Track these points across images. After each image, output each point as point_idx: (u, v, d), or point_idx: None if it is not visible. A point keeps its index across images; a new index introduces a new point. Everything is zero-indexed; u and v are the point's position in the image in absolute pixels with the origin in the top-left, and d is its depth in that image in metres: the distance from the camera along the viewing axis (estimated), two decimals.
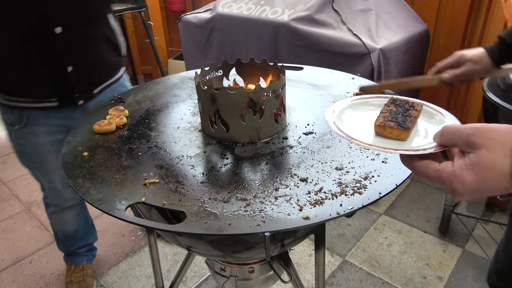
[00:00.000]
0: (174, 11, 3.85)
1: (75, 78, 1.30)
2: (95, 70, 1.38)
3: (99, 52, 1.37)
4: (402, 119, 0.61)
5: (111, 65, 1.45)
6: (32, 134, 1.38)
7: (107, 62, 1.43)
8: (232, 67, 1.11)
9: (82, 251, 1.86)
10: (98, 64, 1.38)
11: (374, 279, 1.83)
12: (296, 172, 0.84)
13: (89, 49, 1.33)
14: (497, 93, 1.34)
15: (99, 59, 1.38)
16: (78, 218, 1.75)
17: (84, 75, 1.33)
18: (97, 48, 1.36)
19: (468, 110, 2.33)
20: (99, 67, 1.39)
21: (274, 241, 0.90)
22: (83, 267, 1.86)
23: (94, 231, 1.92)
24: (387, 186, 0.77)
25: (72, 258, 1.86)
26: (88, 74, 1.35)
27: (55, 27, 1.20)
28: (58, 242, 1.84)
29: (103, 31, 1.37)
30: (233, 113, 0.92)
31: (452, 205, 1.99)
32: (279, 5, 2.14)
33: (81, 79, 1.32)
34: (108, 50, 1.41)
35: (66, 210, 1.67)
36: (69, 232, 1.76)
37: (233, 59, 1.11)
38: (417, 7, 2.39)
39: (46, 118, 1.36)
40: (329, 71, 1.36)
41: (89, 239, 1.88)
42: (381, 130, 0.61)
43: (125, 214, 0.74)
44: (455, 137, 0.51)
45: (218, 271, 1.16)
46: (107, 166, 0.90)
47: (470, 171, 0.48)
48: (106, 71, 1.44)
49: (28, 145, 1.41)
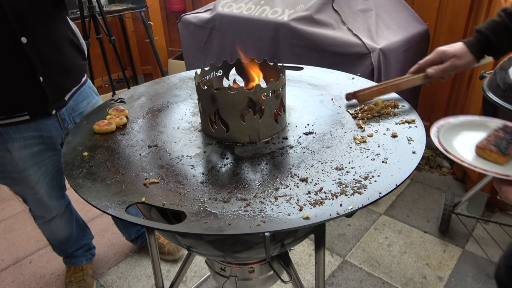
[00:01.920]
0: (174, 11, 3.85)
1: (48, 87, 1.26)
2: (65, 76, 1.34)
3: (67, 57, 1.32)
4: (505, 146, 0.66)
5: (78, 70, 1.41)
6: (6, 152, 1.31)
7: (75, 66, 1.38)
8: (232, 67, 1.11)
9: (80, 252, 1.85)
10: (67, 70, 1.34)
11: (374, 279, 1.83)
12: (296, 172, 0.84)
13: (57, 54, 1.28)
14: (497, 93, 1.34)
15: (67, 64, 1.33)
16: (69, 224, 1.72)
17: (55, 83, 1.29)
18: (63, 53, 1.31)
19: (468, 111, 2.33)
20: (68, 72, 1.35)
21: (274, 241, 0.90)
22: (82, 267, 1.86)
23: (88, 231, 1.89)
24: (387, 186, 0.77)
25: (71, 259, 1.85)
26: (59, 81, 1.31)
27: (20, 37, 1.15)
28: (53, 247, 1.82)
29: (65, 34, 1.32)
30: (233, 113, 0.92)
31: (452, 205, 1.99)
32: (279, 5, 2.14)
33: (53, 87, 1.28)
34: (74, 54, 1.37)
35: (54, 220, 1.63)
36: (63, 239, 1.74)
37: (233, 59, 1.11)
38: (417, 7, 2.39)
39: (18, 132, 1.30)
40: (329, 71, 1.36)
41: (85, 240, 1.86)
42: (481, 151, 0.67)
43: (125, 214, 0.74)
44: None
45: (218, 271, 1.16)
46: (107, 166, 0.90)
47: None
48: (75, 76, 1.40)
49: (5, 163, 1.35)
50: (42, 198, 1.51)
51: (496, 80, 1.38)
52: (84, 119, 1.14)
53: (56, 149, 1.42)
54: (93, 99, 1.50)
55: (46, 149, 1.39)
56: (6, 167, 1.37)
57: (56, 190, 1.55)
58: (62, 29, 1.30)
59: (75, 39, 1.36)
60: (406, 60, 2.04)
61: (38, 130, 1.33)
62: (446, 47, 1.05)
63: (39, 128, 1.33)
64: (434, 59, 1.06)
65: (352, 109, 1.09)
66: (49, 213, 1.59)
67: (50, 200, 1.54)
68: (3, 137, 1.29)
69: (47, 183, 1.47)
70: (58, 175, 1.51)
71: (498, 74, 1.38)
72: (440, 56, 1.05)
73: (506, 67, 1.38)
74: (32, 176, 1.41)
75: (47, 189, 1.49)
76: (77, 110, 1.42)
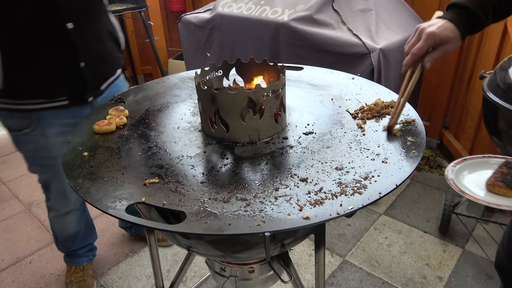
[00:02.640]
0: (174, 11, 3.85)
1: (88, 73, 1.32)
2: (103, 65, 1.41)
3: (106, 47, 1.40)
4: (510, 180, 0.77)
5: (115, 61, 1.48)
6: (43, 137, 1.36)
7: (112, 57, 1.45)
8: (232, 67, 1.11)
9: (82, 251, 1.85)
10: (105, 59, 1.41)
11: (374, 279, 1.83)
12: (296, 172, 0.84)
13: (97, 44, 1.35)
14: (497, 93, 1.34)
15: (106, 54, 1.40)
16: (80, 221, 1.74)
17: (94, 71, 1.35)
18: (103, 43, 1.38)
19: (467, 111, 2.33)
20: (106, 62, 1.42)
21: (274, 241, 0.90)
22: (83, 268, 1.86)
23: (94, 231, 1.91)
24: (387, 186, 0.77)
25: (72, 259, 1.85)
26: (98, 69, 1.37)
27: (67, 23, 1.22)
28: (57, 242, 1.83)
29: (107, 25, 1.39)
30: (233, 113, 0.92)
31: (452, 205, 2.00)
32: (279, 5, 2.14)
33: (92, 74, 1.34)
34: (112, 46, 1.43)
35: (68, 214, 1.66)
36: (70, 235, 1.75)
37: (233, 59, 1.11)
38: (417, 7, 2.39)
39: (56, 118, 1.35)
40: (329, 71, 1.36)
41: (89, 240, 1.87)
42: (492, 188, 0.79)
43: (125, 214, 0.74)
44: None
45: (218, 271, 1.16)
46: (107, 166, 0.90)
47: None
48: (111, 67, 1.47)
49: (40, 149, 1.39)
50: (65, 189, 1.53)
51: (496, 80, 1.38)
52: (84, 119, 1.14)
53: None
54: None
55: None
56: (39, 153, 1.40)
57: None
58: (104, 20, 1.38)
59: (114, 32, 1.44)
60: None
61: (74, 117, 1.36)
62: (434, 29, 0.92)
63: (75, 115, 1.37)
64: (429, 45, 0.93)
65: (352, 109, 1.09)
66: (67, 206, 1.61)
67: (72, 191, 1.55)
68: (42, 122, 1.34)
69: None
70: None
71: (498, 74, 1.38)
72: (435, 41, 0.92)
73: (506, 67, 1.38)
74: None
75: None
76: None
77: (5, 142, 3.16)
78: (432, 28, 0.92)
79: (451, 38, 0.92)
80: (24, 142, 1.39)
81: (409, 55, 0.97)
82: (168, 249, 2.05)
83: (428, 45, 0.93)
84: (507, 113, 1.30)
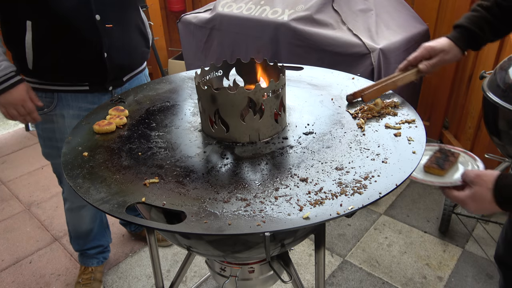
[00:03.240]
0: (174, 11, 3.85)
1: (110, 64, 1.36)
2: (127, 58, 1.44)
3: (131, 40, 1.43)
4: (442, 163, 0.95)
5: (140, 55, 1.52)
6: (61, 117, 1.41)
7: (137, 51, 1.49)
8: (232, 67, 1.11)
9: (93, 252, 1.83)
10: (130, 52, 1.44)
11: (374, 279, 1.83)
12: (296, 172, 0.84)
13: (124, 37, 1.39)
14: (497, 93, 1.34)
15: (131, 47, 1.44)
16: (94, 218, 1.73)
17: (117, 62, 1.39)
18: (130, 37, 1.42)
19: (467, 111, 2.33)
20: (131, 55, 1.46)
21: (274, 241, 0.90)
22: (92, 270, 1.83)
23: (108, 233, 1.88)
24: (387, 186, 0.77)
25: (83, 258, 1.84)
26: (120, 61, 1.41)
27: (95, 15, 1.27)
28: (71, 239, 1.82)
29: (136, 20, 1.44)
30: (233, 113, 0.92)
31: (452, 205, 1.99)
32: (279, 5, 2.14)
33: (114, 65, 1.38)
34: (139, 40, 1.48)
35: (83, 209, 1.66)
36: (82, 232, 1.75)
37: (233, 59, 1.11)
38: (417, 7, 2.39)
39: (76, 101, 1.40)
40: (329, 71, 1.36)
41: (101, 241, 1.84)
42: (428, 169, 0.95)
43: (125, 214, 0.74)
44: (467, 178, 0.85)
45: (218, 271, 1.16)
46: (107, 166, 0.90)
47: (470, 199, 0.83)
48: (136, 60, 1.51)
49: (56, 129, 1.43)
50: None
51: (496, 80, 1.38)
52: (84, 119, 1.14)
53: None
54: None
55: None
56: (55, 134, 1.45)
57: None
58: (133, 15, 1.43)
59: (143, 27, 1.49)
60: None
61: (93, 103, 1.41)
62: (432, 43, 1.09)
63: (94, 101, 1.42)
64: (423, 55, 1.10)
65: (352, 109, 1.09)
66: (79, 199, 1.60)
67: None
68: (62, 103, 1.39)
69: None
70: None
71: (498, 74, 1.38)
72: (428, 52, 1.09)
73: (506, 67, 1.38)
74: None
75: None
76: None
77: (5, 142, 3.16)
78: (430, 42, 1.10)
79: (447, 50, 1.07)
80: (43, 121, 1.43)
81: (404, 61, 1.13)
82: (168, 249, 2.05)
83: (422, 55, 1.10)
84: (507, 113, 1.30)
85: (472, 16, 1.07)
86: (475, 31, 1.06)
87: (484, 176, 0.81)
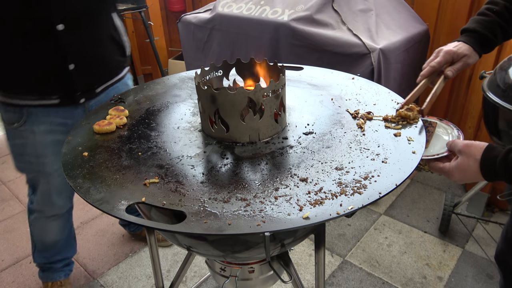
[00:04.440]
0: (174, 11, 3.85)
1: (77, 76, 1.29)
2: (98, 69, 1.37)
3: (103, 51, 1.36)
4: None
5: (115, 65, 1.45)
6: (31, 133, 1.35)
7: (111, 61, 1.42)
8: (232, 67, 1.11)
9: (58, 266, 1.77)
10: (101, 63, 1.38)
11: (374, 279, 1.83)
12: (296, 172, 0.84)
13: (92, 47, 1.32)
14: (497, 93, 1.34)
15: (102, 58, 1.37)
16: (62, 229, 1.68)
17: (86, 74, 1.32)
18: (100, 46, 1.35)
19: (468, 111, 2.33)
20: (102, 66, 1.39)
21: (274, 241, 0.90)
22: (61, 283, 1.78)
23: (74, 244, 1.82)
24: (387, 186, 0.77)
25: (48, 274, 1.77)
26: (90, 73, 1.34)
27: (57, 24, 1.20)
28: (34, 252, 1.74)
29: (107, 29, 1.36)
30: (233, 113, 0.92)
31: (452, 205, 2.00)
32: (279, 5, 2.14)
33: (83, 77, 1.31)
34: (112, 49, 1.40)
35: (51, 219, 1.60)
36: (49, 243, 1.69)
37: (233, 59, 1.11)
38: (417, 7, 2.39)
39: (46, 116, 1.34)
40: (329, 71, 1.36)
41: (68, 252, 1.79)
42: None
43: (125, 214, 0.74)
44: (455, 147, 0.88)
45: (218, 271, 1.16)
46: (107, 166, 0.90)
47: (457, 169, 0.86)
48: (109, 70, 1.43)
49: (27, 145, 1.38)
50: (51, 191, 1.50)
51: (496, 80, 1.38)
52: (84, 119, 1.14)
53: None
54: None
55: None
56: (26, 149, 1.39)
57: (68, 188, 1.53)
58: (103, 23, 1.34)
59: (116, 35, 1.40)
60: (406, 60, 2.04)
61: (65, 118, 1.36)
62: (452, 48, 1.08)
63: (66, 116, 1.36)
64: (446, 60, 1.08)
65: (352, 109, 1.09)
66: (51, 209, 1.58)
67: (58, 196, 1.53)
68: (32, 118, 1.33)
69: (59, 175, 1.47)
70: None
71: (498, 74, 1.38)
72: (452, 57, 1.08)
73: (506, 67, 1.38)
74: (49, 164, 1.42)
75: (60, 183, 1.49)
76: None
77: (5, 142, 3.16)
78: (449, 47, 1.08)
79: (469, 55, 1.07)
80: (13, 136, 1.39)
81: (427, 67, 1.09)
82: (168, 249, 2.05)
83: (446, 60, 1.07)
84: (507, 113, 1.30)
85: (483, 21, 1.07)
86: (489, 35, 1.06)
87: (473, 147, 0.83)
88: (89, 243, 2.13)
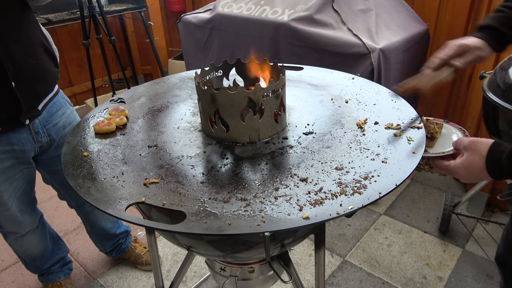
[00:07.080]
0: (174, 11, 3.85)
1: (21, 93, 1.19)
2: (38, 83, 1.27)
3: (40, 62, 1.26)
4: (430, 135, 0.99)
5: (51, 77, 1.33)
6: None
7: (48, 73, 1.31)
8: (232, 67, 1.11)
9: (56, 267, 1.75)
10: (40, 76, 1.27)
11: (374, 279, 1.83)
12: (296, 172, 0.84)
13: (30, 59, 1.21)
14: (497, 93, 1.34)
15: (40, 70, 1.26)
16: (42, 239, 1.64)
17: (28, 89, 1.22)
18: (37, 57, 1.24)
19: (467, 111, 2.33)
20: (41, 79, 1.28)
21: (274, 241, 0.90)
22: (61, 284, 1.77)
23: (62, 244, 1.79)
24: (387, 186, 0.77)
25: (47, 276, 1.76)
26: (32, 87, 1.24)
27: None
28: (26, 265, 1.71)
29: (39, 38, 1.26)
30: (233, 113, 0.93)
31: (452, 205, 1.99)
32: (279, 5, 2.14)
33: (26, 93, 1.21)
34: (47, 60, 1.30)
35: (27, 235, 1.55)
36: (37, 254, 1.65)
37: (233, 59, 1.11)
38: (417, 7, 2.39)
39: None
40: (329, 71, 1.36)
41: (60, 254, 1.76)
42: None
43: (125, 214, 0.74)
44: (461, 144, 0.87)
45: (218, 271, 1.16)
46: (107, 166, 0.90)
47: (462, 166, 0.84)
48: (48, 83, 1.33)
49: None
50: (14, 214, 1.43)
51: (496, 80, 1.38)
52: (84, 119, 1.14)
53: (28, 163, 1.37)
54: (67, 109, 1.43)
55: (18, 163, 1.33)
56: None
57: (27, 204, 1.48)
58: (33, 32, 1.23)
59: (47, 44, 1.29)
60: (406, 60, 2.04)
61: (10, 144, 1.27)
62: (463, 41, 1.03)
63: (11, 142, 1.27)
64: (456, 52, 1.03)
65: (351, 108, 1.09)
66: (23, 228, 1.51)
67: (22, 215, 1.46)
68: None
69: (17, 198, 1.41)
70: (28, 188, 1.45)
71: (498, 74, 1.38)
72: (462, 49, 1.03)
73: (506, 67, 1.38)
74: (4, 192, 1.34)
75: (18, 204, 1.43)
76: (51, 122, 1.36)
77: None
78: (460, 40, 1.03)
79: (482, 48, 1.02)
80: None
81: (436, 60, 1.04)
82: (168, 249, 2.05)
83: (455, 52, 1.02)
84: (507, 113, 1.30)
85: (499, 17, 1.04)
86: (505, 31, 1.03)
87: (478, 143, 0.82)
88: (89, 243, 2.12)
